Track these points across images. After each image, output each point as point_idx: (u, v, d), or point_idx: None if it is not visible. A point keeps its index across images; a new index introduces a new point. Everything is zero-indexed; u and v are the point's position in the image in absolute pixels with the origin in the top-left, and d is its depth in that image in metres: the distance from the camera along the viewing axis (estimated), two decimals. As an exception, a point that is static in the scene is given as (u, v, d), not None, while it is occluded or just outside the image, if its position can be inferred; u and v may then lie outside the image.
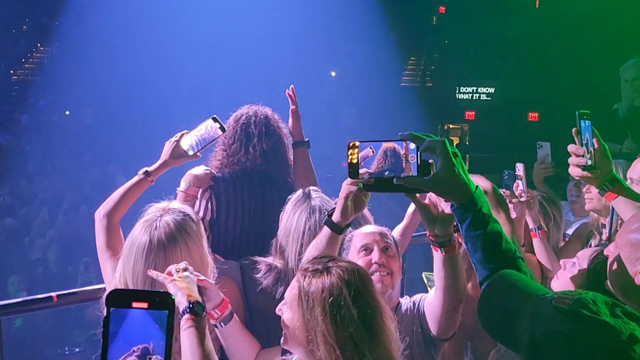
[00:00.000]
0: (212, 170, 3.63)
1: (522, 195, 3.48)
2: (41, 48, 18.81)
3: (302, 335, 1.97)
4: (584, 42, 16.93)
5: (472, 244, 1.86)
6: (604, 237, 3.49)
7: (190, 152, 3.30)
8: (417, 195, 2.09)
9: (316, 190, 3.09)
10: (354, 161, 2.05)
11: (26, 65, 18.36)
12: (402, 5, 18.66)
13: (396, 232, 3.69)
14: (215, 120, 3.31)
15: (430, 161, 1.91)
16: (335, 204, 2.42)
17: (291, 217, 2.99)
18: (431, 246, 2.29)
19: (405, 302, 2.82)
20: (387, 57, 18.94)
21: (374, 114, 15.44)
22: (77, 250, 8.65)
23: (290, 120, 3.79)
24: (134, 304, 1.24)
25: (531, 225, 3.63)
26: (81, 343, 6.61)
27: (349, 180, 2.25)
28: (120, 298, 1.25)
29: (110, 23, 17.93)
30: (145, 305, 1.24)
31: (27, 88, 16.90)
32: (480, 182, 2.43)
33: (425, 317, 2.68)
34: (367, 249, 2.77)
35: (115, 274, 2.57)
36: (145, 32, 17.22)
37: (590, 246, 3.56)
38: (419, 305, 2.75)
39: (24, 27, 19.09)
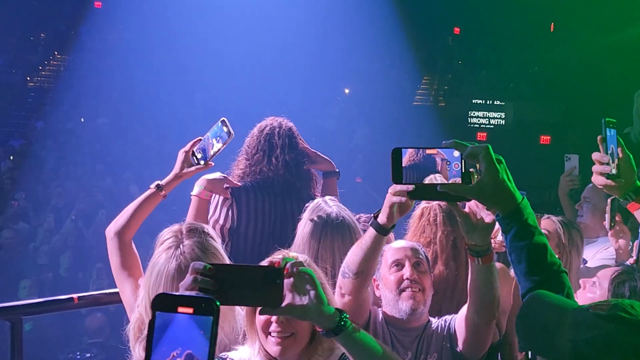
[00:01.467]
0: (234, 179, 3.66)
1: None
2: (58, 56, 18.97)
3: None
4: (597, 66, 16.96)
5: (517, 255, 1.83)
6: (631, 261, 3.46)
7: (202, 162, 3.27)
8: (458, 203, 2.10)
9: (333, 199, 3.12)
10: (398, 167, 2.03)
11: (43, 73, 18.50)
12: (418, 25, 18.74)
13: None
14: (224, 123, 3.26)
15: (470, 170, 1.90)
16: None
17: (308, 224, 3.02)
18: (468, 256, 2.30)
19: (437, 320, 2.79)
20: (401, 75, 19.01)
21: (386, 132, 15.46)
22: (88, 257, 8.71)
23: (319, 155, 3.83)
24: (180, 309, 1.22)
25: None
26: (92, 348, 6.63)
27: (393, 189, 2.26)
28: (166, 302, 1.23)
29: (127, 34, 18.11)
30: (190, 310, 1.22)
31: (43, 95, 17.04)
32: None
33: (456, 333, 2.66)
34: (399, 265, 2.75)
35: (138, 300, 2.56)
36: (161, 44, 17.39)
37: None
38: (450, 323, 2.72)
39: (42, 34, 19.27)
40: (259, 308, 1.92)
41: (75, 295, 3.31)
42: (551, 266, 1.83)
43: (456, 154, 1.93)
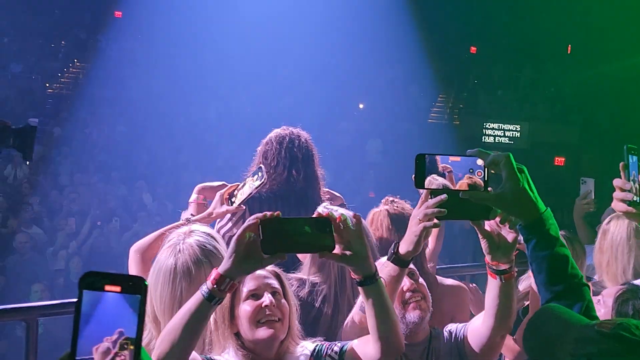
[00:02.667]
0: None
1: None
2: (77, 64, 19.15)
3: None
4: (614, 89, 16.91)
5: (537, 265, 1.83)
6: None
7: (235, 205, 3.35)
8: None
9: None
10: (422, 172, 2.08)
11: (62, 80, 18.67)
12: (436, 42, 18.80)
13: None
14: (261, 170, 3.36)
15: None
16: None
17: None
18: (488, 273, 2.30)
19: (440, 332, 2.77)
20: (417, 92, 19.04)
21: (400, 148, 15.48)
22: (99, 264, 8.75)
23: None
24: (107, 287, 1.20)
25: None
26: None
27: (419, 215, 2.27)
28: (93, 280, 1.20)
29: (145, 44, 18.29)
30: (118, 289, 1.20)
31: (61, 102, 17.20)
32: None
33: (465, 344, 2.64)
34: None
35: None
36: (178, 54, 17.54)
37: None
38: (456, 333, 2.70)
39: (63, 42, 19.47)
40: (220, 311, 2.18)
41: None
42: (572, 278, 1.82)
43: (479, 162, 1.96)
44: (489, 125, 18.71)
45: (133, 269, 3.11)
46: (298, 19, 17.20)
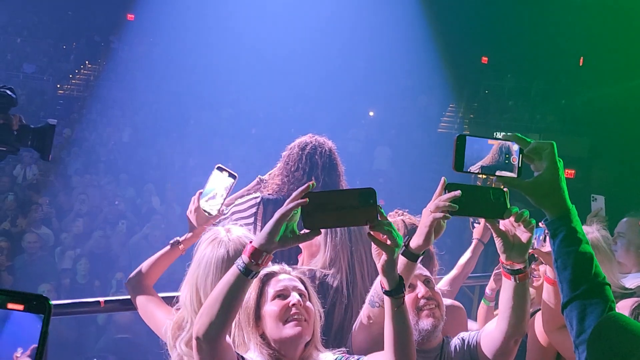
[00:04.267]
0: (267, 190, 3.67)
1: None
2: (89, 65, 19.27)
3: None
4: (626, 102, 16.83)
5: (563, 260, 1.80)
6: None
7: (214, 212, 3.18)
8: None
9: None
10: (461, 154, 2.06)
11: (73, 81, 18.79)
12: (446, 52, 18.78)
13: (444, 282, 3.66)
14: (220, 169, 3.18)
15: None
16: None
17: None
18: (503, 274, 2.31)
19: (453, 339, 2.74)
20: (427, 101, 19.02)
21: (409, 156, 15.47)
22: (106, 265, 8.76)
23: None
24: (10, 305, 1.18)
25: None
26: (108, 355, 6.67)
27: (431, 207, 2.26)
28: None
29: (157, 47, 18.38)
30: (21, 307, 1.18)
31: (72, 103, 17.29)
32: None
33: (479, 351, 2.61)
34: (411, 286, 2.70)
35: (181, 300, 2.66)
36: (190, 58, 17.60)
37: None
38: (469, 341, 2.67)
39: (75, 44, 19.59)
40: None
41: (102, 299, 3.33)
42: (596, 277, 1.78)
43: (515, 147, 1.96)
44: (499, 136, 18.63)
45: (137, 303, 3.07)
46: (310, 25, 17.24)
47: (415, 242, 2.36)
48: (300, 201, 1.96)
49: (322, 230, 3.00)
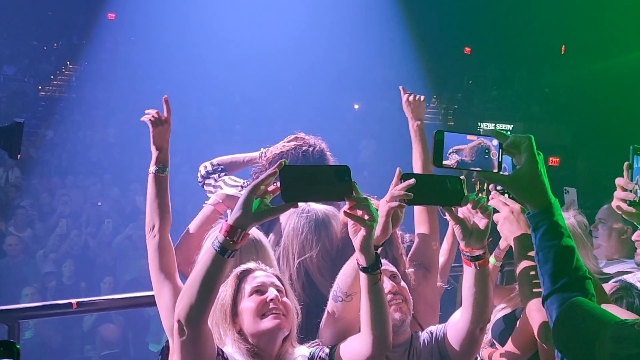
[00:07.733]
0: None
1: None
2: (70, 66, 19.10)
3: None
4: (609, 89, 16.93)
5: (544, 254, 1.81)
6: None
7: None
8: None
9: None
10: (439, 149, 2.04)
11: (54, 82, 18.62)
12: (429, 43, 18.81)
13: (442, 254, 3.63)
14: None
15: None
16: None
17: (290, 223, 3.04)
18: (463, 261, 2.32)
19: (421, 333, 2.73)
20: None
21: (394, 148, 15.46)
22: (91, 267, 8.70)
23: None
24: None
25: None
26: (93, 358, 6.63)
27: (388, 197, 2.29)
28: None
29: (139, 46, 18.26)
30: None
31: (54, 104, 17.13)
32: None
33: (446, 342, 2.60)
34: None
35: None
36: (172, 56, 17.50)
37: None
38: (436, 333, 2.66)
39: (55, 44, 19.43)
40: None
41: (74, 301, 3.30)
42: (577, 271, 1.79)
43: (495, 142, 1.96)
44: (484, 126, 18.73)
45: (154, 257, 3.03)
46: (291, 20, 17.19)
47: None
48: (270, 171, 1.96)
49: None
